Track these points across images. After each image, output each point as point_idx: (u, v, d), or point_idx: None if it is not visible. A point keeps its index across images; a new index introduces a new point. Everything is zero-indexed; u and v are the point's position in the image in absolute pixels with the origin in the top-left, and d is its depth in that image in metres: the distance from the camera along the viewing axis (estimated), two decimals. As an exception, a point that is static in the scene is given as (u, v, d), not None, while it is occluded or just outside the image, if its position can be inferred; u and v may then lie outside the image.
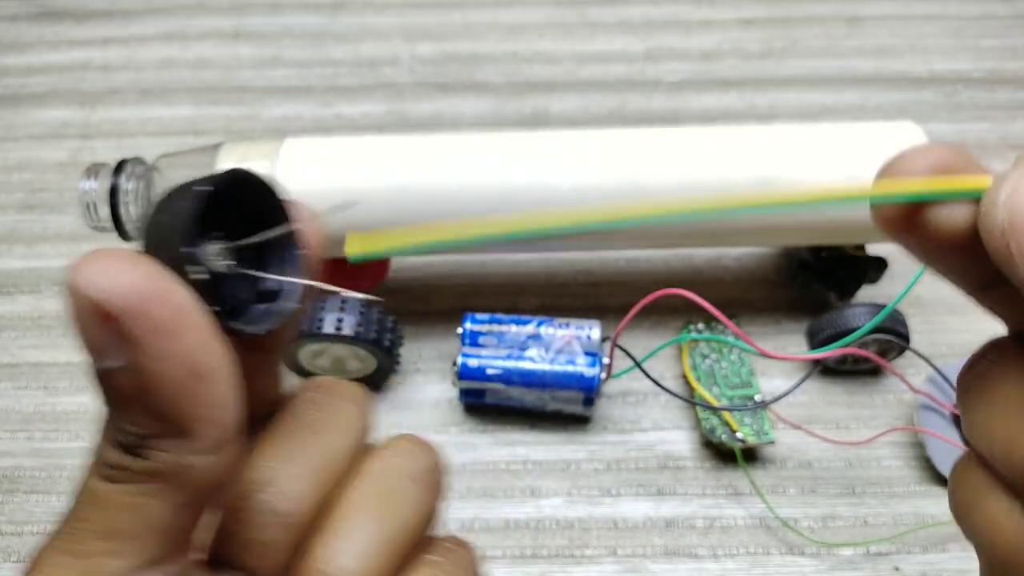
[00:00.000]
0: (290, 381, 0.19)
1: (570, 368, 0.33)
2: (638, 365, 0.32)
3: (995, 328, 0.18)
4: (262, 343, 0.15)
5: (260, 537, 0.15)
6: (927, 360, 0.33)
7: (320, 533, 0.16)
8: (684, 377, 0.35)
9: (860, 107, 0.46)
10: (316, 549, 0.16)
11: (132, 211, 0.33)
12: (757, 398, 0.34)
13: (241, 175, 0.14)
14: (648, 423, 0.35)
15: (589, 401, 0.33)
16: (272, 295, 0.16)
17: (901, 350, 0.34)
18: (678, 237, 0.33)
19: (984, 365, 0.16)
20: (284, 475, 0.16)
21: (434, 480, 0.17)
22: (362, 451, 0.17)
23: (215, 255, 0.14)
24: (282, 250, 0.15)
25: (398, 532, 0.16)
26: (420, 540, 0.17)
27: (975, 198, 0.15)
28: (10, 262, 0.40)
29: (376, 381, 0.36)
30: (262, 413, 0.17)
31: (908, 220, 0.15)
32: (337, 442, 0.17)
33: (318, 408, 0.17)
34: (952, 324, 0.37)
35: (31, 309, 0.39)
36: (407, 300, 0.39)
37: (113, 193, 0.33)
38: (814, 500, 0.33)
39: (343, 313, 0.32)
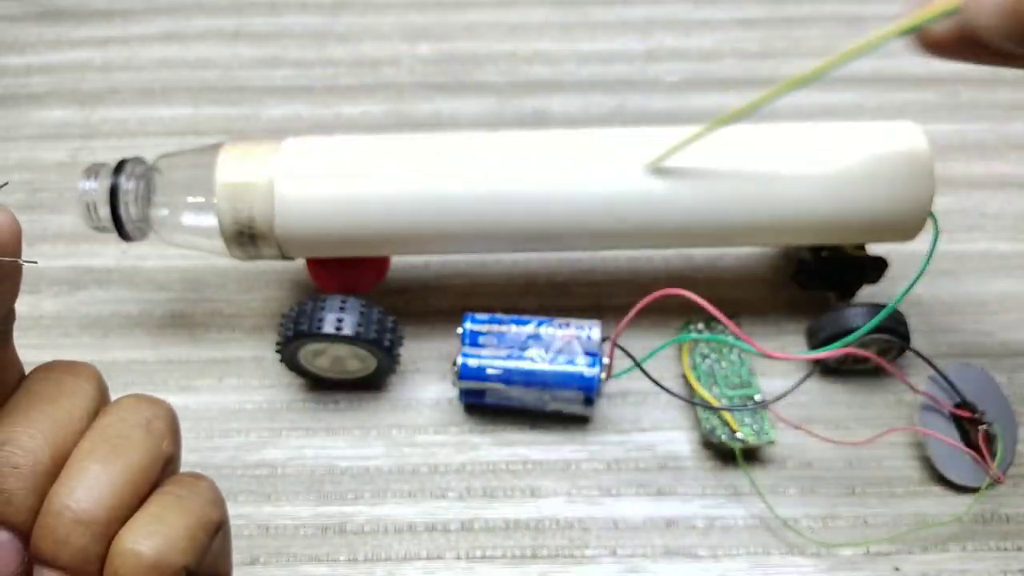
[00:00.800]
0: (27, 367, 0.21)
1: (570, 368, 0.33)
2: (638, 365, 0.32)
3: (995, 328, 0.18)
4: None
5: (1, 487, 0.18)
6: (927, 360, 0.33)
7: (59, 478, 0.19)
8: (684, 377, 0.35)
9: (860, 107, 0.46)
10: (56, 490, 0.19)
11: (132, 211, 0.33)
12: (757, 398, 0.34)
13: None
14: (648, 423, 0.35)
15: (589, 401, 0.33)
16: None
17: (901, 350, 0.34)
18: (678, 237, 0.33)
19: None
20: (19, 435, 0.19)
21: (158, 426, 0.21)
22: (98, 413, 0.20)
23: None
24: None
25: (127, 470, 0.19)
26: (157, 477, 0.20)
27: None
28: (10, 262, 0.40)
29: (376, 381, 0.36)
30: (3, 395, 0.20)
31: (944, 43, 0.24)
32: (70, 407, 0.20)
33: (50, 383, 0.20)
34: (952, 324, 0.37)
35: (31, 309, 0.39)
36: (407, 300, 0.39)
37: (113, 193, 0.33)
38: (814, 500, 0.33)
39: (343, 313, 0.32)
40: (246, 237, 0.33)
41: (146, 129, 0.46)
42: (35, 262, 0.18)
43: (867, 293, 0.37)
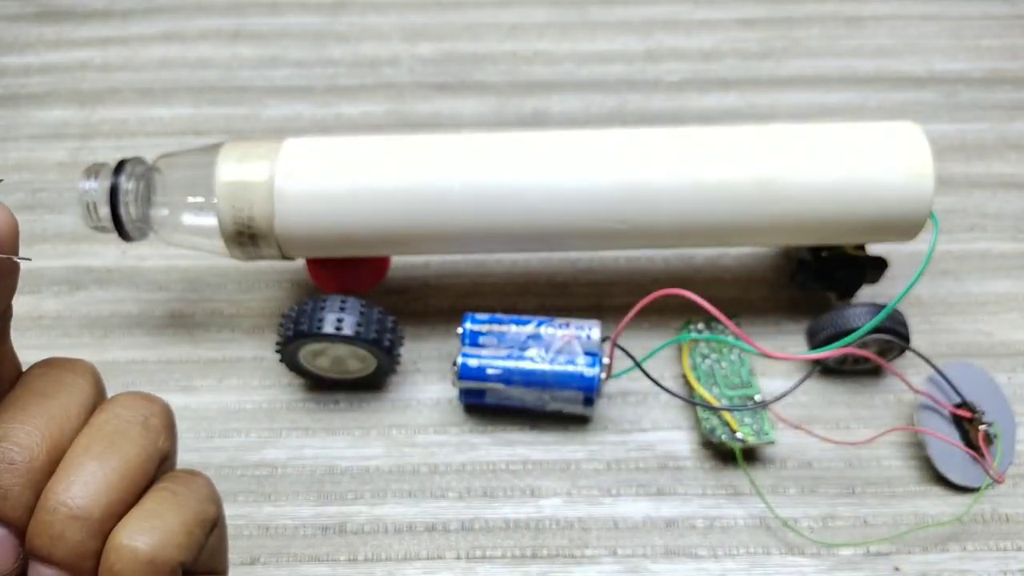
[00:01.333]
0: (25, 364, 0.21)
1: (570, 368, 0.33)
2: (638, 365, 0.32)
3: (995, 328, 0.18)
4: None
5: None
6: (927, 360, 0.33)
7: (55, 474, 0.19)
8: (684, 377, 0.35)
9: (860, 107, 0.46)
10: (52, 486, 0.19)
11: (132, 211, 0.33)
12: (757, 398, 0.34)
13: None
14: (648, 423, 0.35)
15: (589, 401, 0.33)
16: None
17: (901, 350, 0.34)
18: (678, 237, 0.33)
19: None
20: (15, 431, 0.19)
21: (154, 423, 0.20)
22: (95, 410, 0.20)
23: None
24: None
25: (123, 466, 0.19)
26: (153, 474, 0.20)
27: None
28: (10, 262, 0.40)
29: (376, 381, 0.36)
30: (1, 391, 0.20)
31: None
32: (66, 403, 0.20)
33: (47, 379, 0.20)
34: (952, 324, 0.37)
35: (31, 309, 0.39)
36: (407, 300, 0.39)
37: (113, 193, 0.33)
38: (814, 500, 0.33)
39: (343, 313, 0.32)
40: (246, 237, 0.33)
41: (146, 129, 0.46)
42: (29, 259, 0.18)
43: (867, 293, 0.37)
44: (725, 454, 0.34)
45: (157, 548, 0.19)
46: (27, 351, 0.21)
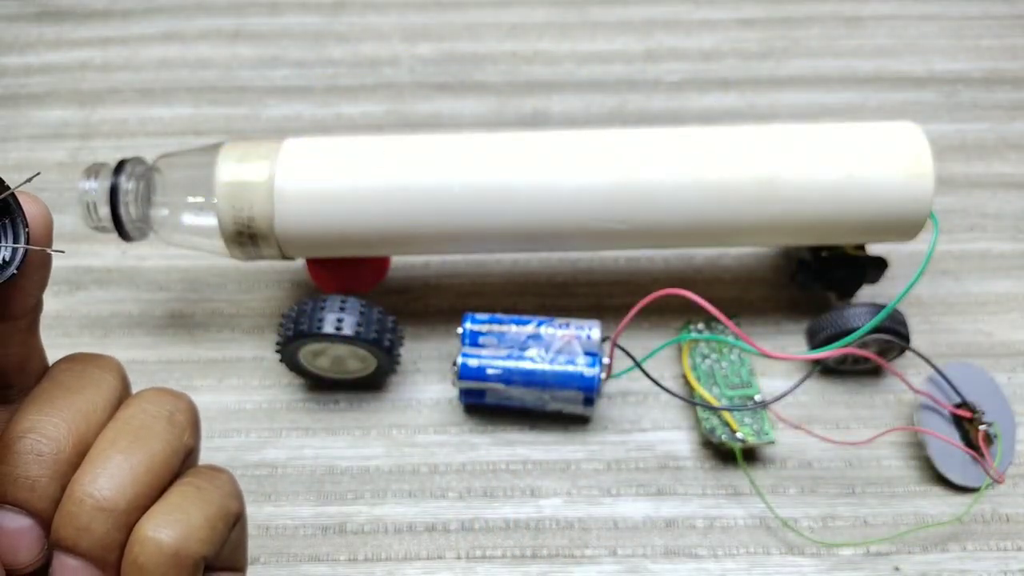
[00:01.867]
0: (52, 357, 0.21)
1: (570, 368, 0.33)
2: (638, 365, 0.32)
3: (995, 328, 0.18)
4: (2, 312, 0.18)
5: (25, 473, 0.18)
6: (927, 360, 0.33)
7: (82, 466, 0.19)
8: (684, 377, 0.35)
9: (860, 107, 0.46)
10: (78, 478, 0.19)
11: (132, 211, 0.33)
12: (757, 398, 0.34)
13: None
14: (648, 423, 0.35)
15: (589, 401, 0.33)
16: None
17: (901, 350, 0.34)
18: (678, 237, 0.33)
19: None
20: (43, 423, 0.19)
21: (180, 419, 0.21)
22: (121, 404, 0.21)
23: None
24: (11, 228, 0.18)
25: (148, 460, 0.20)
26: (178, 468, 0.21)
27: None
28: (10, 262, 0.40)
29: (376, 381, 0.36)
30: (28, 384, 0.20)
31: None
32: (92, 397, 0.20)
33: (73, 373, 0.20)
34: (952, 324, 0.37)
35: (31, 309, 0.39)
36: (407, 300, 0.39)
37: (113, 193, 0.33)
38: (814, 500, 0.33)
39: (343, 313, 0.32)
40: (246, 237, 0.33)
41: (146, 129, 0.46)
42: (63, 251, 0.18)
43: (867, 293, 0.37)
44: (725, 454, 0.34)
45: (181, 541, 0.19)
46: (27, 351, 0.21)
